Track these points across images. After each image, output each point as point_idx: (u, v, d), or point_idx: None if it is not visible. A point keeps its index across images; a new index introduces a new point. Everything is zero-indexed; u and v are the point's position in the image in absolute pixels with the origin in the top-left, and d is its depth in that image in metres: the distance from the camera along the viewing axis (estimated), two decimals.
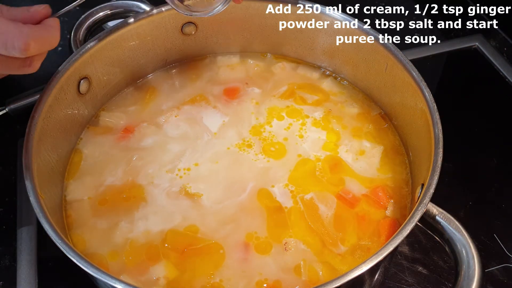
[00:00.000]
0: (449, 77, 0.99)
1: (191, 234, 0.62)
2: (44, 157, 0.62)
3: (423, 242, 0.72)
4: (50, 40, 0.56)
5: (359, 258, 0.61)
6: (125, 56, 0.75)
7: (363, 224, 0.64)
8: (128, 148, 0.71)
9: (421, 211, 0.53)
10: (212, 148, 0.71)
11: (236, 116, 0.75)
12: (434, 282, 0.69)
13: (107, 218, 0.64)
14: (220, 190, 0.66)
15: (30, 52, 0.53)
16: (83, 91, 0.70)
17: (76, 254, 0.50)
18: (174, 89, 0.79)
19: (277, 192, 0.66)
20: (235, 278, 0.59)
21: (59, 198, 0.66)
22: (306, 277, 0.59)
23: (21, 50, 0.52)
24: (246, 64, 0.83)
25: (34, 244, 0.71)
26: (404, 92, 0.69)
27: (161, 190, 0.66)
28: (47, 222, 0.53)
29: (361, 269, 0.49)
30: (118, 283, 0.48)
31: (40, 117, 0.61)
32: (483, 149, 0.85)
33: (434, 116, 0.61)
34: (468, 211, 0.76)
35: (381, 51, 0.70)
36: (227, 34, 0.81)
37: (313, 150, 0.71)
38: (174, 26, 0.77)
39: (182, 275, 0.59)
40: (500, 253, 0.71)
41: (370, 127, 0.74)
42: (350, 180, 0.68)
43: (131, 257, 0.61)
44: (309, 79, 0.81)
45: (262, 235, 0.62)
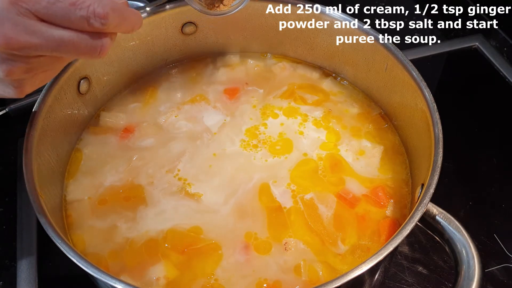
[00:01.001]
0: (449, 77, 0.99)
1: (191, 234, 0.62)
2: (44, 157, 0.62)
3: (423, 242, 0.72)
4: (131, 19, 0.51)
5: (359, 258, 0.61)
6: (125, 56, 0.75)
7: (363, 224, 0.64)
8: (128, 148, 0.71)
9: (421, 211, 0.53)
10: (212, 148, 0.71)
11: (236, 116, 0.75)
12: (434, 282, 0.69)
13: (107, 218, 0.64)
14: (220, 190, 0.66)
15: (108, 23, 0.47)
16: (83, 91, 0.70)
17: (76, 254, 0.50)
18: (174, 89, 0.79)
19: (277, 192, 0.66)
20: (235, 278, 0.59)
21: (59, 198, 0.66)
22: (306, 277, 0.59)
23: (101, 17, 0.47)
24: (246, 64, 0.83)
25: (34, 244, 0.71)
26: (404, 92, 0.69)
27: (161, 190, 0.66)
28: (47, 222, 0.53)
29: (361, 269, 0.49)
30: (118, 283, 0.48)
31: (40, 117, 0.61)
32: (483, 149, 0.85)
33: (434, 116, 0.61)
34: (468, 211, 0.76)
35: (381, 51, 0.70)
36: (227, 34, 0.81)
37: (313, 150, 0.71)
38: (174, 26, 0.77)
39: (182, 275, 0.59)
40: (500, 253, 0.71)
41: (370, 127, 0.74)
42: (350, 180, 0.68)
43: (131, 257, 0.60)
44: (309, 79, 0.81)
45: (262, 235, 0.62)
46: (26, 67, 0.48)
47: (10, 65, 0.47)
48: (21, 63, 0.47)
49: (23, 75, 0.49)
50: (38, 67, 0.49)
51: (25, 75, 0.49)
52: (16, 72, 0.48)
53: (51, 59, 0.50)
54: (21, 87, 0.51)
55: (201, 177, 0.68)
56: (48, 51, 0.47)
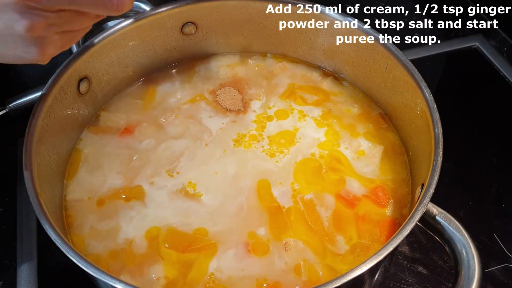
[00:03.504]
0: (449, 77, 0.99)
1: (191, 234, 0.62)
2: (44, 157, 0.62)
3: (423, 242, 0.72)
4: None
5: (359, 258, 0.61)
6: (125, 56, 0.75)
7: (363, 224, 0.64)
8: (128, 148, 0.71)
9: (421, 211, 0.53)
10: (212, 148, 0.71)
11: (236, 116, 0.75)
12: (434, 282, 0.69)
13: (107, 218, 0.64)
14: (220, 190, 0.66)
15: None
16: (83, 91, 0.70)
17: (76, 254, 0.50)
18: (174, 89, 0.79)
19: (277, 192, 0.66)
20: (235, 278, 0.59)
21: (59, 198, 0.66)
22: (306, 277, 0.59)
23: None
24: (246, 64, 0.83)
25: (34, 244, 0.71)
26: (404, 92, 0.69)
27: (161, 190, 0.66)
28: (47, 222, 0.53)
29: (361, 269, 0.49)
30: (118, 283, 0.48)
31: (40, 117, 0.61)
32: (483, 149, 0.85)
33: (434, 116, 0.61)
34: (468, 211, 0.76)
35: (381, 51, 0.70)
36: (227, 34, 0.81)
37: (313, 150, 0.71)
38: (174, 26, 0.77)
39: (182, 275, 0.59)
40: (500, 253, 0.71)
41: (370, 127, 0.74)
42: (350, 180, 0.68)
43: (131, 257, 0.61)
44: (309, 79, 0.81)
45: (262, 235, 0.62)
46: (46, 22, 0.48)
47: (30, 19, 0.47)
48: (41, 17, 0.47)
49: (44, 31, 0.49)
50: (58, 23, 0.49)
51: (46, 32, 0.49)
52: (36, 28, 0.48)
53: (71, 15, 0.50)
54: (43, 47, 0.50)
55: (201, 177, 0.68)
56: (67, 2, 0.47)
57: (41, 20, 0.48)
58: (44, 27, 0.48)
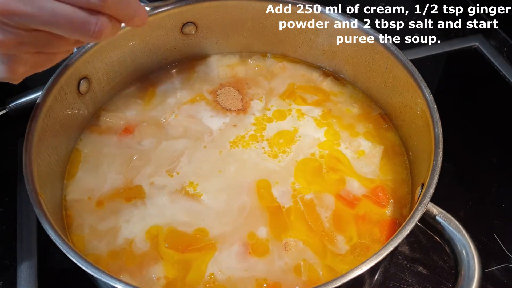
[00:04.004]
0: (449, 77, 0.99)
1: (191, 234, 0.62)
2: (44, 157, 0.62)
3: (423, 242, 0.72)
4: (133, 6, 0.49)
5: (359, 258, 0.61)
6: (125, 56, 0.75)
7: (363, 224, 0.64)
8: (128, 148, 0.71)
9: (421, 211, 0.53)
10: (212, 148, 0.71)
11: (236, 116, 0.75)
12: (434, 282, 0.69)
13: (107, 218, 0.64)
14: (221, 190, 0.66)
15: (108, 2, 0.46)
16: (83, 91, 0.70)
17: (76, 254, 0.50)
18: (174, 89, 0.79)
19: (278, 192, 0.66)
20: (235, 278, 0.59)
21: (59, 198, 0.66)
22: (306, 277, 0.59)
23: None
24: (246, 64, 0.83)
25: (34, 244, 0.71)
26: (404, 92, 0.69)
27: (161, 190, 0.66)
28: (47, 222, 0.53)
29: (361, 269, 0.49)
30: (118, 283, 0.48)
31: (40, 117, 0.61)
32: (483, 149, 0.85)
33: (434, 116, 0.61)
34: (468, 211, 0.76)
35: (381, 51, 0.70)
36: (227, 34, 0.81)
37: (313, 149, 0.71)
38: (174, 26, 0.77)
39: (182, 275, 0.59)
40: (500, 253, 0.71)
41: (370, 127, 0.74)
42: (350, 180, 0.68)
43: (131, 257, 0.61)
44: (309, 79, 0.81)
45: (262, 235, 0.62)
46: (17, 40, 0.46)
47: (1, 34, 0.45)
48: (12, 34, 0.45)
49: (14, 49, 0.47)
50: (32, 42, 0.47)
51: (16, 50, 0.47)
52: (6, 44, 0.46)
53: (47, 37, 0.47)
54: (11, 65, 0.48)
55: (201, 177, 0.68)
56: (40, 23, 0.45)
57: (12, 37, 0.45)
58: (14, 44, 0.46)
